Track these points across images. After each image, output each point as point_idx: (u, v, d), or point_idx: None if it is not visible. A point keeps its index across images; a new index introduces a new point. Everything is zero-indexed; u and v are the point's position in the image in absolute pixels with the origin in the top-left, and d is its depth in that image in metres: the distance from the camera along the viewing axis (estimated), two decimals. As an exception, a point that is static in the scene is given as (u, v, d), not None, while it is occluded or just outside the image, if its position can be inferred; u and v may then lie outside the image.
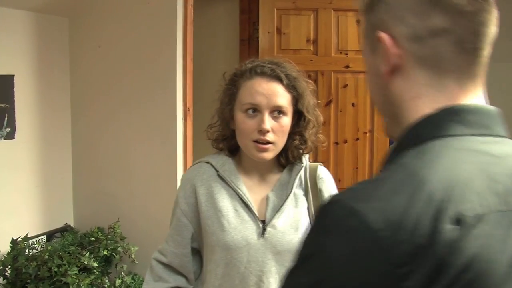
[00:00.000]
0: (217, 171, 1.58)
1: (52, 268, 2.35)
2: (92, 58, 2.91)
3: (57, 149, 2.90)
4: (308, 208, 1.59)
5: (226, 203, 1.54)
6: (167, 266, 1.60)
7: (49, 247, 2.54)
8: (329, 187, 1.65)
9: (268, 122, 1.50)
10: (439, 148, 0.71)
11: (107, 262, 2.68)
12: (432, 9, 0.73)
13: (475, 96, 0.77)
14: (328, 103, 3.47)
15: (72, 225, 2.98)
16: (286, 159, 1.61)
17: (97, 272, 2.51)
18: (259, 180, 1.61)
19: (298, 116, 1.58)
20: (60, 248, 2.59)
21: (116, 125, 2.90)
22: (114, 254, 2.66)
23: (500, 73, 3.59)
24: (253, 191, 1.58)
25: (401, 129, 0.78)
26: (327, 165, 3.43)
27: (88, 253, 2.52)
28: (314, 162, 1.66)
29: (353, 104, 3.48)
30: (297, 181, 1.58)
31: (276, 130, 1.51)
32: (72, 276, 2.34)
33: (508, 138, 0.76)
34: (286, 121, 1.54)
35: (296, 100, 1.55)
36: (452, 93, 0.75)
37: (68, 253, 2.49)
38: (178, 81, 2.76)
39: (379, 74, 0.79)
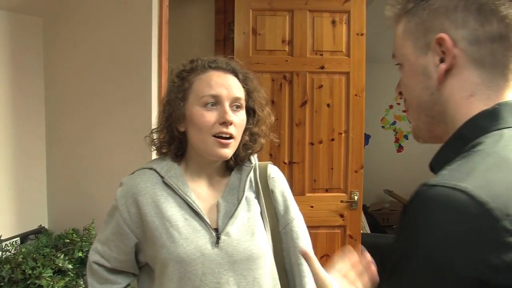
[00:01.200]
0: (162, 177, 1.47)
1: (26, 270, 2.32)
2: (66, 59, 2.88)
3: (31, 149, 2.86)
4: (262, 211, 1.49)
5: (174, 212, 1.43)
6: (110, 269, 1.53)
7: (23, 249, 2.51)
8: (281, 187, 1.56)
9: (231, 113, 1.42)
10: None
11: (82, 264, 2.65)
12: (492, 17, 0.81)
13: None
14: (303, 103, 3.50)
15: (46, 227, 2.94)
16: (235, 160, 1.52)
17: (72, 274, 2.48)
18: (207, 186, 1.51)
19: (248, 113, 1.50)
20: (34, 250, 2.56)
21: (91, 126, 2.87)
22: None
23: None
24: (202, 198, 1.48)
25: (446, 129, 0.85)
26: (302, 165, 3.50)
27: (63, 255, 2.50)
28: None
29: (328, 105, 3.51)
30: (247, 183, 1.49)
31: (237, 124, 1.44)
32: (47, 278, 2.32)
33: None
34: (244, 115, 1.47)
35: (248, 96, 1.49)
36: (501, 91, 0.83)
37: (43, 255, 2.47)
38: (153, 82, 2.75)
39: (429, 75, 0.86)
